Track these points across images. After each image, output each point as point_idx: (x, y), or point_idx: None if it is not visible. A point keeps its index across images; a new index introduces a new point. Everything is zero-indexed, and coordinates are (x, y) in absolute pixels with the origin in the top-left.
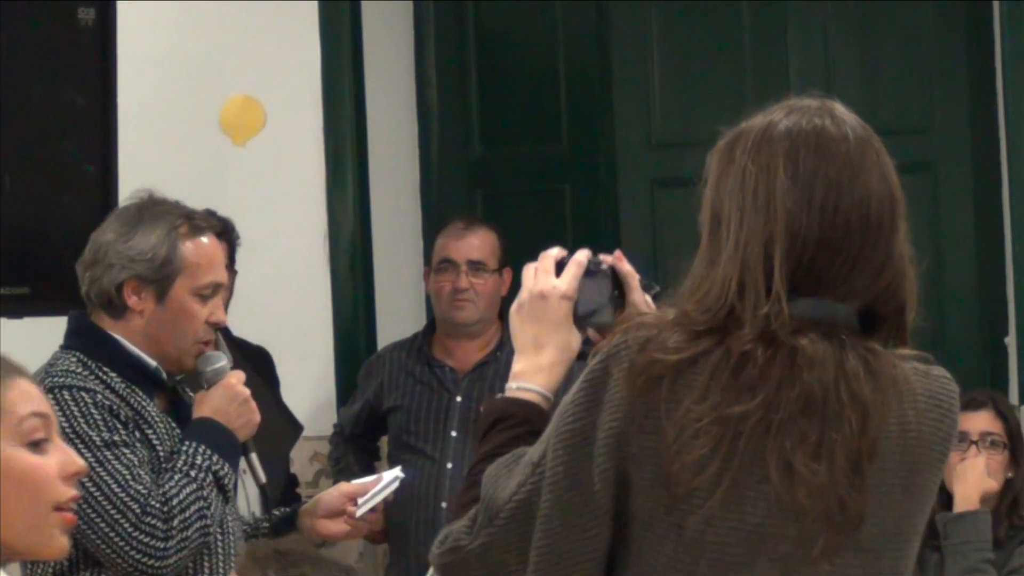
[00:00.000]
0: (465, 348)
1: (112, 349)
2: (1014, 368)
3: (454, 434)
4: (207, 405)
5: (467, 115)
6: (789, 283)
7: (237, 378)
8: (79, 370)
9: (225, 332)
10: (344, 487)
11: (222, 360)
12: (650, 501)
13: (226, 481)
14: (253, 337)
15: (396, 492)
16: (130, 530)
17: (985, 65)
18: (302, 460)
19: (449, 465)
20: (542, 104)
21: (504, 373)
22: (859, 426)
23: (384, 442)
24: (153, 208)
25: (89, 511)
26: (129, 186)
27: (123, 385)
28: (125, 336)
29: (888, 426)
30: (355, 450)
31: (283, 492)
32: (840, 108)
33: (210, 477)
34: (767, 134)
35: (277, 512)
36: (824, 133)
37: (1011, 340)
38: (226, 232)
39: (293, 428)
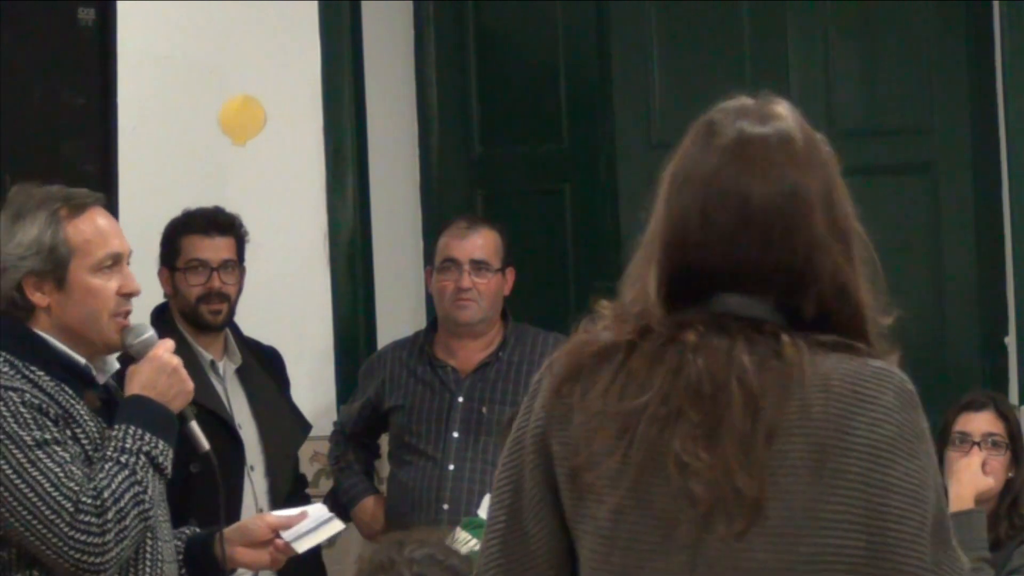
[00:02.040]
0: (467, 348)
1: (38, 347)
2: (1014, 368)
3: (456, 435)
4: (136, 381)
5: (467, 115)
6: (686, 284)
7: (164, 348)
8: (5, 369)
9: (236, 332)
10: (270, 519)
11: (148, 331)
12: (570, 496)
13: (161, 459)
14: (253, 337)
15: (396, 495)
16: (66, 530)
17: (985, 65)
18: (302, 460)
19: (451, 466)
20: (542, 104)
21: (506, 373)
22: (750, 413)
23: (384, 440)
24: (30, 201)
25: (25, 513)
26: (129, 186)
27: (51, 383)
28: (44, 333)
29: (787, 410)
30: (355, 448)
31: (292, 493)
32: (768, 106)
33: (143, 459)
34: (683, 138)
35: (186, 530)
36: (709, 133)
37: (1011, 340)
38: (234, 228)
39: (302, 428)
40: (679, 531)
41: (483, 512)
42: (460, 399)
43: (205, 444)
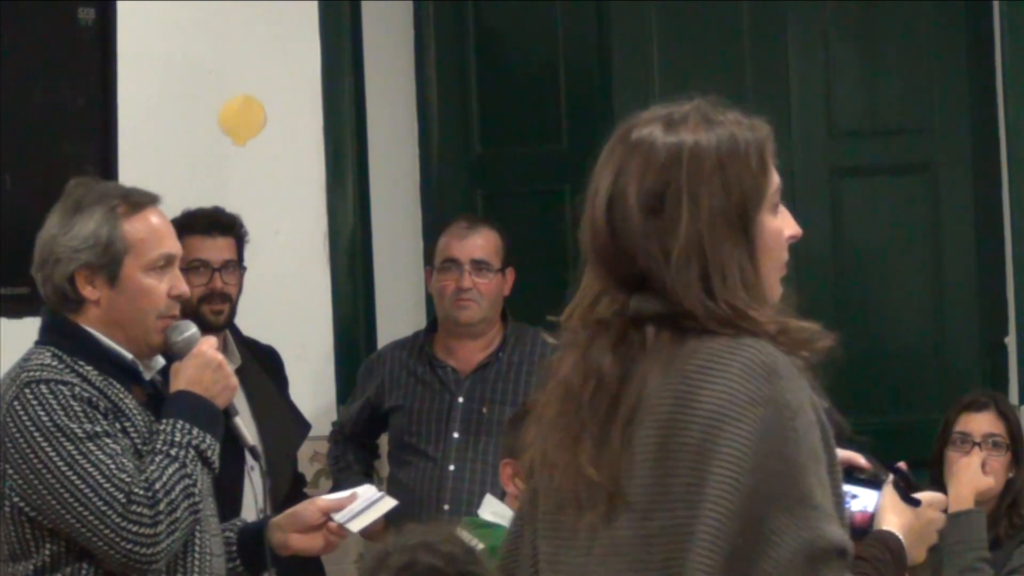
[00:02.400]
0: (467, 348)
1: (86, 343)
2: (1014, 368)
3: (456, 435)
4: (181, 377)
5: (467, 115)
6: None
7: (208, 344)
8: (55, 364)
9: (235, 332)
10: (320, 503)
11: (191, 328)
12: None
13: (209, 453)
14: (253, 336)
15: (396, 495)
16: (119, 521)
17: (985, 65)
18: (302, 460)
19: (451, 467)
20: (542, 104)
21: (506, 374)
22: (605, 406)
23: (384, 440)
24: (89, 195)
25: (77, 504)
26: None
27: (99, 378)
28: (91, 328)
29: (644, 396)
30: (355, 449)
31: (290, 492)
32: (670, 112)
33: (192, 452)
34: None
35: (237, 522)
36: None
37: (1011, 340)
38: (235, 228)
39: (301, 427)
40: (571, 518)
41: (484, 512)
42: (460, 399)
43: (250, 439)
